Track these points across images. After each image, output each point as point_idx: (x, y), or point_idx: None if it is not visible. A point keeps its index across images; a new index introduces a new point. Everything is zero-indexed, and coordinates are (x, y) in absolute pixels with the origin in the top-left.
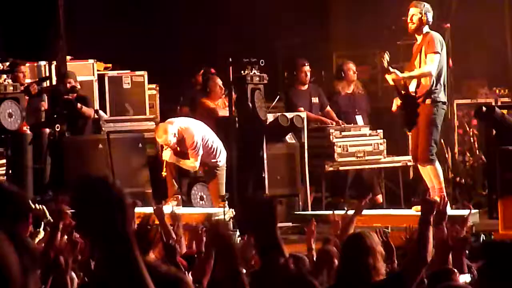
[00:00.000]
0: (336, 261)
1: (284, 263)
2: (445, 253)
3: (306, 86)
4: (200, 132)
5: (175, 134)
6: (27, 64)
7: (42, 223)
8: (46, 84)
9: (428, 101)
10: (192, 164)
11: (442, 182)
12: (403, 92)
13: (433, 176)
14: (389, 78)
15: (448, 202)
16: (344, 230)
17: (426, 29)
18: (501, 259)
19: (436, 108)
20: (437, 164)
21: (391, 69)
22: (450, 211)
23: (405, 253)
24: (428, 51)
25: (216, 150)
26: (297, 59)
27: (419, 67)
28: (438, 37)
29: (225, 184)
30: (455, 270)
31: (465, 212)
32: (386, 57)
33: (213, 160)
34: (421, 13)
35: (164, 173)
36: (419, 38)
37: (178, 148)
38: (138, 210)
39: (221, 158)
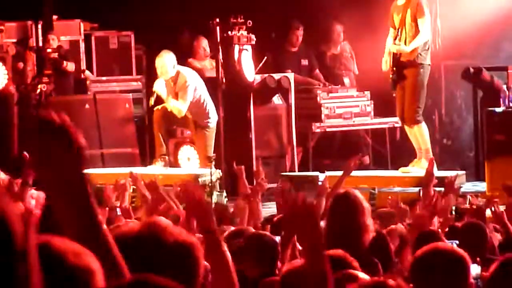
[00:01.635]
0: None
1: None
2: (431, 215)
3: (296, 48)
4: (194, 80)
5: (174, 65)
6: (13, 24)
7: None
8: (32, 43)
9: (416, 63)
10: (179, 105)
11: (428, 143)
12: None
13: (419, 136)
14: (393, 48)
15: (435, 163)
16: (333, 191)
17: None
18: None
19: (423, 69)
20: (423, 124)
21: (397, 43)
22: (436, 173)
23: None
24: (419, 15)
25: (207, 108)
26: (292, 20)
27: (407, 30)
28: None
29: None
30: (440, 232)
31: (447, 173)
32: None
33: (204, 120)
34: None
35: (153, 100)
36: (401, 0)
37: (172, 84)
38: (124, 170)
39: (212, 119)
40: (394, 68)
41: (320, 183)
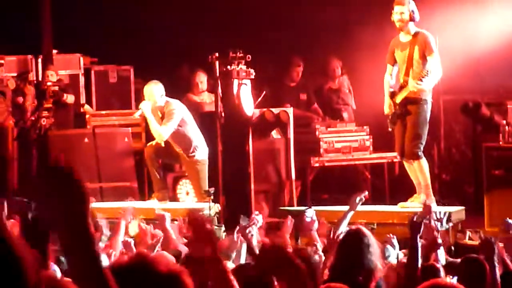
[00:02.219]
0: None
1: None
2: (431, 250)
3: (295, 83)
4: (182, 111)
5: (162, 95)
6: (13, 58)
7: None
8: (32, 78)
9: (421, 99)
10: (161, 129)
11: (428, 178)
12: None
13: (419, 172)
14: (402, 95)
15: (434, 199)
16: (336, 227)
17: (413, 27)
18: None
19: (426, 105)
20: (424, 160)
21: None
22: (435, 208)
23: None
24: (428, 53)
25: (193, 140)
26: (293, 57)
27: (414, 67)
28: (431, 35)
29: (211, 179)
30: (439, 267)
31: (450, 209)
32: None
33: (190, 153)
34: (409, 10)
35: (139, 115)
36: (405, 36)
37: (159, 113)
38: (123, 204)
39: (198, 152)
40: (398, 105)
41: (308, 218)
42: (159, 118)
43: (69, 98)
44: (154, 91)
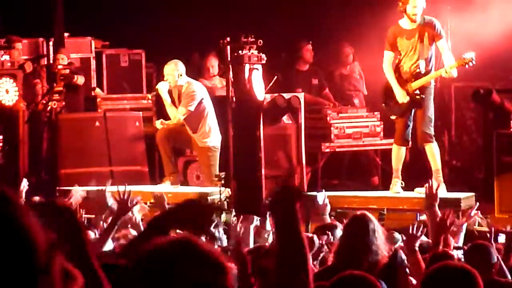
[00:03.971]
0: None
1: None
2: (438, 234)
3: (307, 67)
4: (202, 94)
5: (181, 74)
6: (24, 41)
7: None
8: (43, 61)
9: (430, 84)
10: (177, 111)
11: (439, 163)
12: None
13: (431, 156)
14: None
15: (444, 185)
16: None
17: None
18: None
19: (433, 89)
20: (436, 144)
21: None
22: (445, 194)
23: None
24: (440, 36)
25: (207, 126)
26: (299, 39)
27: (424, 53)
28: (436, 20)
29: (221, 164)
30: (452, 254)
31: (460, 195)
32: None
33: (203, 139)
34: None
35: (151, 95)
36: (410, 24)
37: (177, 92)
38: (133, 188)
39: (211, 139)
40: (412, 93)
41: (320, 202)
42: (177, 99)
43: (79, 79)
44: (173, 69)
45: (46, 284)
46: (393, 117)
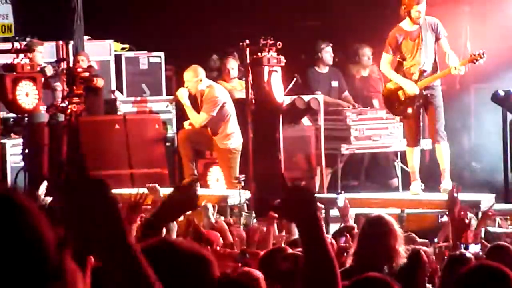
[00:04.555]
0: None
1: None
2: (458, 236)
3: (327, 69)
4: (225, 97)
5: (201, 80)
6: (45, 44)
7: None
8: (63, 65)
9: (439, 81)
10: (198, 116)
11: (447, 162)
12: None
13: (445, 154)
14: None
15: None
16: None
17: None
18: None
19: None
20: (446, 143)
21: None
22: (465, 196)
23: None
24: (443, 34)
25: (229, 129)
26: (318, 40)
27: (428, 53)
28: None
29: (241, 166)
30: (470, 256)
31: (480, 196)
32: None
33: (223, 142)
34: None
35: (170, 102)
36: (412, 26)
37: (199, 97)
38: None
39: (232, 141)
40: (424, 92)
41: (340, 204)
42: (198, 103)
43: (99, 82)
44: (192, 76)
45: (58, 285)
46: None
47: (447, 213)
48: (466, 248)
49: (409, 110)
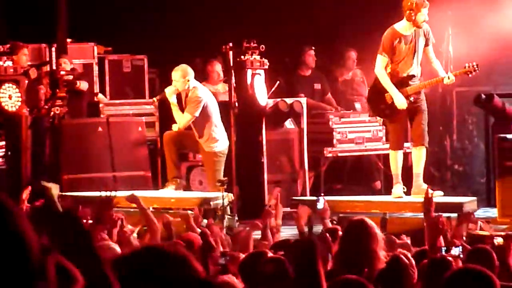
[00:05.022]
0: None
1: None
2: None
3: (309, 72)
4: (207, 98)
5: (188, 80)
6: (29, 47)
7: None
8: (46, 68)
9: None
10: (183, 117)
11: (422, 167)
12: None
13: (422, 160)
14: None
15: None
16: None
17: None
18: None
19: None
20: None
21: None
22: (447, 199)
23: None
24: (431, 41)
25: (214, 131)
26: (301, 44)
27: (418, 58)
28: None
29: (224, 169)
30: (451, 260)
31: (459, 199)
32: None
33: (210, 144)
34: None
35: (156, 99)
36: (408, 29)
37: (184, 97)
38: (136, 193)
39: (218, 144)
40: (409, 96)
41: (320, 207)
42: (183, 103)
43: (82, 85)
44: (180, 76)
45: (41, 286)
46: (379, 119)
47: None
48: (447, 251)
49: (395, 115)
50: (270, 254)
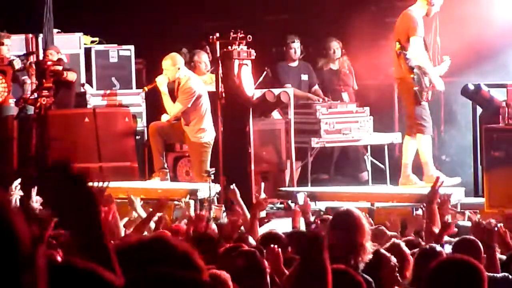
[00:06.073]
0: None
1: None
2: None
3: (296, 63)
4: (200, 90)
5: (179, 68)
6: (13, 37)
7: None
8: (32, 58)
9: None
10: (174, 107)
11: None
12: None
13: (413, 150)
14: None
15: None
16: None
17: None
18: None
19: None
20: None
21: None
22: (427, 190)
23: None
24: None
25: (203, 122)
26: (287, 34)
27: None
28: None
29: (211, 159)
30: (441, 250)
31: (450, 190)
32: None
33: (196, 135)
34: None
35: (147, 88)
36: (422, 16)
37: (176, 85)
38: (123, 184)
39: (205, 135)
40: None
41: (301, 202)
42: (175, 91)
43: (70, 75)
44: (171, 64)
45: (30, 277)
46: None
47: (424, 205)
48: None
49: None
50: (245, 247)
